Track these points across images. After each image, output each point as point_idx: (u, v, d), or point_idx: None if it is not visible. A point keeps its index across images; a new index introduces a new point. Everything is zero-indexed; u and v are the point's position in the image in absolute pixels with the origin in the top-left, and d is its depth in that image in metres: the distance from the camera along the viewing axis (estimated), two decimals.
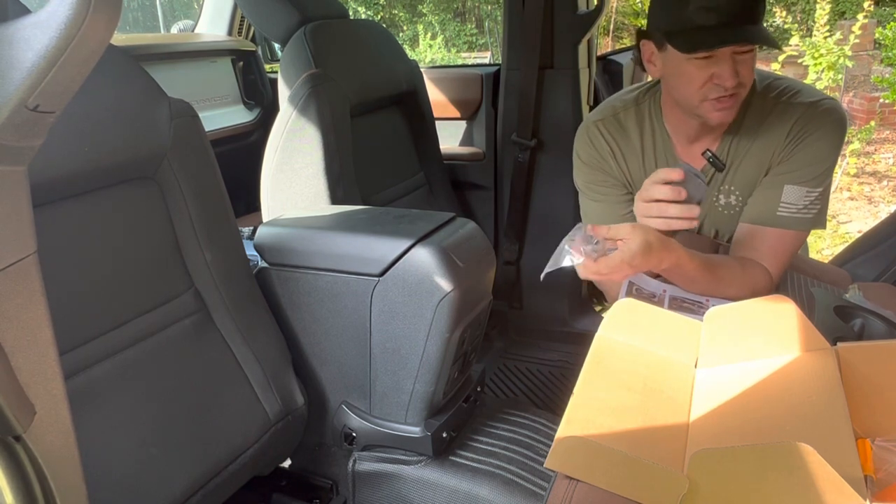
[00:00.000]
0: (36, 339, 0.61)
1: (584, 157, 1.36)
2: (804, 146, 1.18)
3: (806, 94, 1.21)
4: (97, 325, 0.98)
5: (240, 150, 2.38)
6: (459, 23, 11.48)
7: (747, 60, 1.10)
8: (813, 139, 1.18)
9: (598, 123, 1.33)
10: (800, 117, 1.18)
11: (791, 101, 1.20)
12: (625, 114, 1.32)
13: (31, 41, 0.52)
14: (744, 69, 1.10)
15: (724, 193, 1.28)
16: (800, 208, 1.19)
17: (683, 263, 1.08)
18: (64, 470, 0.65)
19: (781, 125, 1.19)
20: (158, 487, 0.99)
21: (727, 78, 1.09)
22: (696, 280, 1.13)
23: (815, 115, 1.18)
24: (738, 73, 1.10)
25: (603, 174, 1.34)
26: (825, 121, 1.18)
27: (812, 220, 1.20)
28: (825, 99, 1.20)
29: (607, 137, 1.32)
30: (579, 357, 0.86)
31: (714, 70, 1.10)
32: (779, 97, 1.21)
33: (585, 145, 1.35)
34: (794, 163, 1.19)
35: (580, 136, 1.37)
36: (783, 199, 1.19)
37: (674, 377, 0.84)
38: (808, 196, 1.19)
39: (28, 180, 0.59)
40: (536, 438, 1.29)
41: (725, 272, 1.16)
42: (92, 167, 0.96)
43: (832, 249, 3.52)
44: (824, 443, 0.61)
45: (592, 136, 1.34)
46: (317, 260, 1.20)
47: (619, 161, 1.33)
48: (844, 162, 4.47)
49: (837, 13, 8.82)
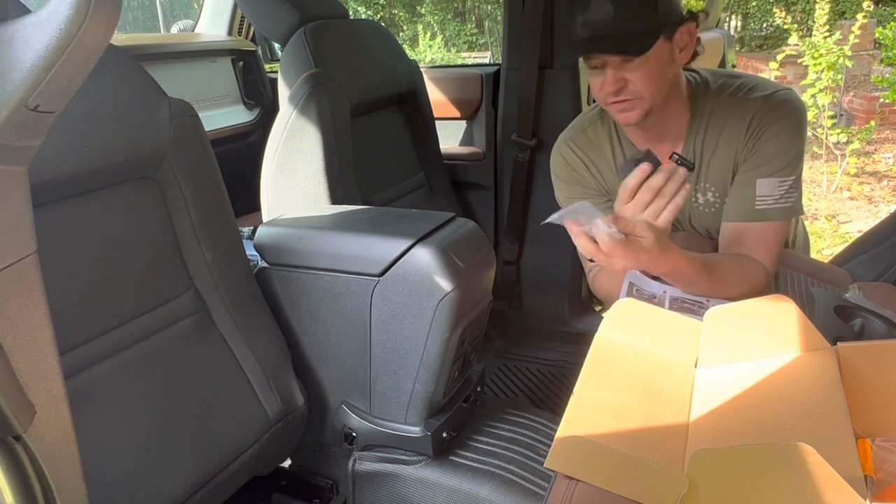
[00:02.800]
0: (36, 339, 0.61)
1: (561, 175, 1.42)
2: (765, 139, 1.21)
3: (760, 88, 1.23)
4: (97, 325, 0.98)
5: (240, 150, 2.38)
6: (459, 23, 11.48)
7: (634, 69, 1.15)
8: (773, 131, 1.20)
9: (569, 142, 1.40)
10: (756, 111, 1.21)
11: (747, 96, 1.23)
12: (592, 128, 1.38)
13: (31, 41, 0.52)
14: (630, 76, 1.16)
15: (702, 192, 1.30)
16: (776, 199, 1.21)
17: (681, 266, 1.10)
18: (64, 470, 0.65)
19: (740, 121, 1.22)
20: (158, 487, 0.99)
21: (605, 84, 1.17)
22: (696, 282, 1.15)
23: (770, 107, 1.20)
24: (624, 80, 1.16)
25: (581, 188, 1.39)
26: (781, 111, 1.20)
27: (791, 208, 1.23)
28: (780, 90, 1.23)
29: (579, 153, 1.38)
30: (579, 357, 0.86)
31: (602, 78, 1.18)
32: (735, 93, 1.24)
33: (560, 164, 1.41)
34: (759, 157, 1.22)
35: (554, 156, 1.43)
36: (758, 193, 1.22)
37: (674, 377, 0.84)
38: (781, 186, 1.21)
39: (28, 180, 0.59)
40: (536, 438, 1.29)
41: (724, 273, 1.17)
42: (92, 167, 0.96)
43: (832, 249, 3.52)
44: (824, 443, 0.61)
45: (565, 154, 1.40)
46: (317, 260, 1.20)
47: (593, 173, 1.38)
48: (844, 162, 4.47)
49: (837, 13, 8.82)
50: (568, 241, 1.03)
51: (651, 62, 1.15)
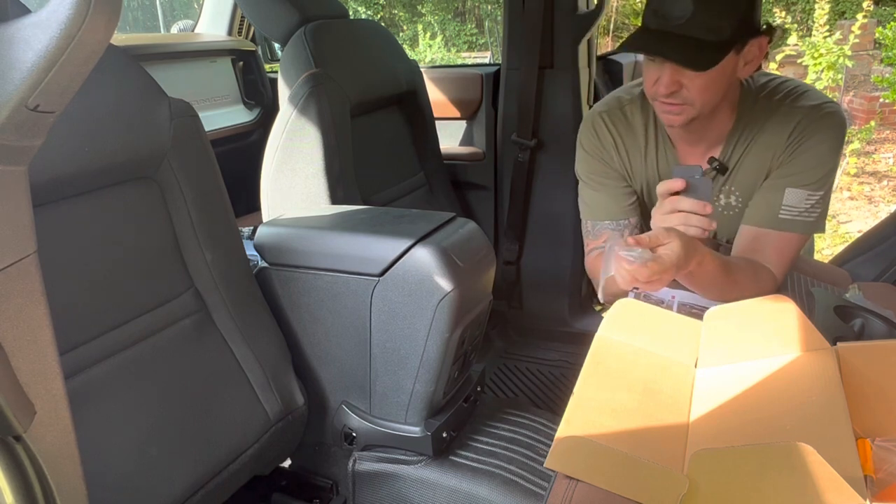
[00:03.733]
0: (36, 339, 0.61)
1: (587, 147, 1.36)
2: (805, 149, 1.18)
3: (809, 98, 1.20)
4: (97, 325, 0.98)
5: (240, 150, 2.37)
6: (459, 23, 11.47)
7: (693, 77, 1.10)
8: (814, 142, 1.17)
9: (604, 115, 1.34)
10: (801, 120, 1.18)
11: (794, 104, 1.20)
12: (630, 107, 1.32)
13: (31, 41, 0.52)
14: (688, 82, 1.11)
15: (725, 194, 1.28)
16: (801, 211, 1.19)
17: (706, 262, 1.07)
18: (64, 470, 0.65)
19: (783, 128, 1.19)
20: (158, 487, 0.99)
21: (660, 84, 1.12)
22: (714, 281, 1.12)
23: (816, 118, 1.18)
24: (680, 84, 1.11)
25: (604, 165, 1.34)
26: (826, 125, 1.17)
27: (814, 224, 1.20)
28: (827, 102, 1.20)
29: (611, 130, 1.32)
30: (579, 357, 0.86)
31: (658, 74, 1.12)
32: (783, 100, 1.21)
33: (590, 135, 1.35)
34: (794, 165, 1.19)
35: (585, 125, 1.37)
36: (784, 201, 1.19)
37: (674, 377, 0.84)
38: (809, 199, 1.19)
39: (28, 180, 0.59)
40: (536, 438, 1.29)
41: (740, 273, 1.15)
42: (92, 167, 0.96)
43: (832, 249, 3.52)
44: (824, 443, 0.61)
45: (597, 127, 1.34)
46: (317, 260, 1.20)
47: (621, 154, 1.33)
48: (844, 162, 4.46)
49: (837, 13, 8.82)
50: (568, 241, 1.03)
51: (713, 73, 1.09)
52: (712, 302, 1.15)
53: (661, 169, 1.31)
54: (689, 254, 1.00)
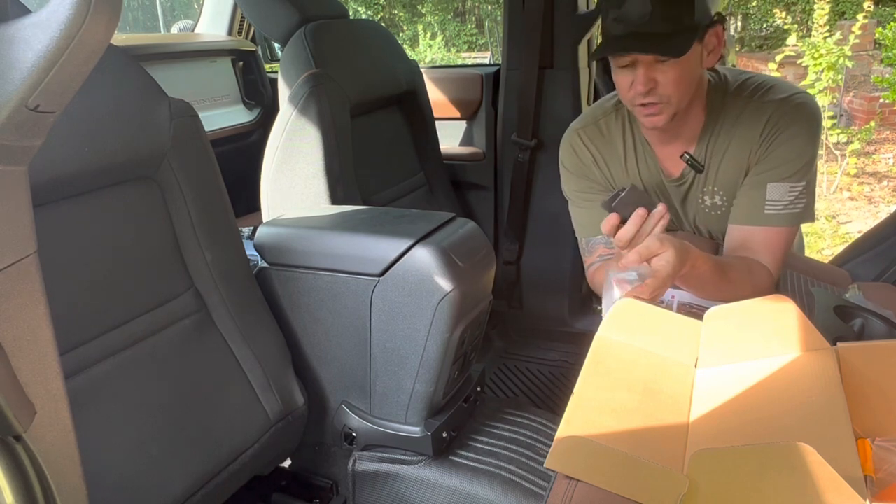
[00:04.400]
0: (36, 339, 0.61)
1: (568, 166, 1.39)
2: (780, 142, 1.19)
3: (778, 90, 1.21)
4: (97, 325, 0.98)
5: (240, 150, 2.37)
6: (459, 23, 11.48)
7: (666, 70, 1.13)
8: (788, 135, 1.18)
9: (580, 131, 1.37)
10: (772, 114, 1.19)
11: (763, 98, 1.21)
12: (605, 120, 1.35)
13: (31, 41, 0.52)
14: (661, 77, 1.13)
15: (709, 194, 1.29)
16: (786, 204, 1.20)
17: (699, 264, 1.08)
18: (64, 470, 0.65)
19: (755, 123, 1.20)
20: (158, 487, 0.99)
21: (637, 84, 1.14)
22: (710, 281, 1.12)
23: (787, 110, 1.19)
24: (655, 81, 1.13)
25: (588, 181, 1.37)
26: (799, 115, 1.18)
27: (800, 214, 1.21)
28: (797, 93, 1.21)
29: (589, 145, 1.35)
30: (579, 357, 0.86)
31: (632, 78, 1.15)
32: (752, 95, 1.22)
33: (569, 154, 1.38)
34: (772, 160, 1.20)
35: (564, 145, 1.40)
36: (767, 197, 1.20)
37: (674, 377, 0.84)
38: (791, 191, 1.20)
39: (28, 180, 0.59)
40: (536, 438, 1.29)
41: (734, 272, 1.15)
42: (92, 167, 0.96)
43: (832, 249, 3.52)
44: (824, 443, 0.61)
45: (575, 145, 1.37)
46: (317, 260, 1.20)
47: (601, 168, 1.35)
48: (844, 162, 4.47)
49: (837, 13, 8.82)
50: (568, 242, 1.03)
51: (683, 64, 1.12)
52: (712, 302, 1.15)
53: (642, 173, 1.33)
54: (683, 259, 1.01)
